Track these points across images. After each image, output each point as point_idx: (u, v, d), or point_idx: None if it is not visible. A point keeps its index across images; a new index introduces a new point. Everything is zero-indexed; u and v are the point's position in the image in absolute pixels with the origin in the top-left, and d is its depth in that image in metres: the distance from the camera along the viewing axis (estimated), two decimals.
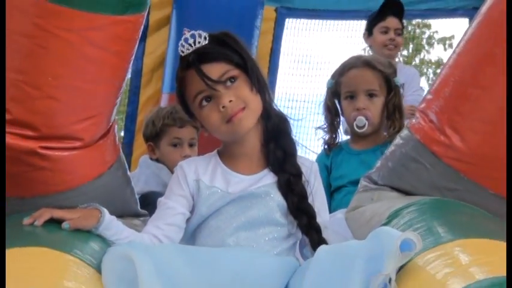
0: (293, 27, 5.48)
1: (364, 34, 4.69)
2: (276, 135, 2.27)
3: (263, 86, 2.26)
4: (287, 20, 5.40)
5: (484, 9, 2.15)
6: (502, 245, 1.82)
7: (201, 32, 2.21)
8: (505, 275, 1.63)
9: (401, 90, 3.45)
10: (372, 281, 1.70)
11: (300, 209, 2.21)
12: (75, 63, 2.08)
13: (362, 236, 1.90)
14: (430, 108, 2.20)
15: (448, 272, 1.69)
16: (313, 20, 5.51)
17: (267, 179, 2.24)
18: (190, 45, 2.20)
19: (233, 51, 2.22)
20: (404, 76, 4.32)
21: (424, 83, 12.09)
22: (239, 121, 2.18)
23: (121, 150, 2.39)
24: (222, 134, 2.22)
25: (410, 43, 12.54)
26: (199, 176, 2.25)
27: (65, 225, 2.03)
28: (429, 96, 2.25)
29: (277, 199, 2.22)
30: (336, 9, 5.31)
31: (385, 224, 2.03)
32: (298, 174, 2.24)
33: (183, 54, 2.22)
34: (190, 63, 2.19)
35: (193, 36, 2.20)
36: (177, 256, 1.94)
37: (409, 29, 12.17)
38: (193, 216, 2.24)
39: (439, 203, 2.11)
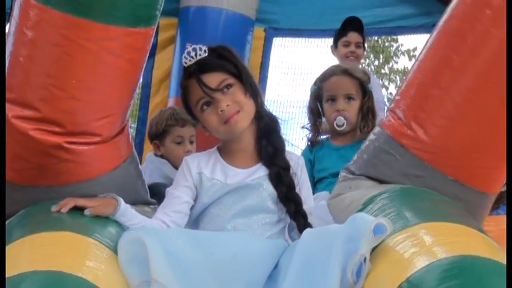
0: (280, 44, 5.52)
1: (331, 47, 4.74)
2: (267, 133, 2.30)
3: (255, 91, 2.29)
4: (275, 38, 5.44)
5: (441, 21, 2.18)
6: (460, 227, 1.85)
7: (201, 45, 2.24)
8: (463, 253, 1.66)
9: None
10: (349, 260, 1.74)
11: (288, 198, 2.24)
12: (95, 68, 2.10)
13: (342, 220, 1.92)
14: (398, 107, 2.22)
15: (414, 251, 1.71)
16: (297, 38, 5.54)
17: (260, 172, 2.27)
18: (192, 57, 2.23)
19: (229, 62, 2.25)
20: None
21: (392, 89, 12.16)
22: (235, 122, 2.21)
23: (133, 147, 2.39)
24: (221, 133, 2.26)
25: (381, 54, 12.57)
26: (202, 169, 2.27)
27: (86, 212, 2.05)
28: (397, 97, 2.27)
29: (268, 189, 2.25)
30: (317, 29, 5.35)
31: (361, 210, 2.04)
32: (286, 167, 2.27)
33: (186, 65, 2.25)
34: (191, 74, 2.23)
35: (194, 49, 2.23)
36: (183, 239, 1.96)
37: (379, 42, 12.22)
38: (196, 204, 2.27)
39: (407, 191, 2.13)
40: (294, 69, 5.64)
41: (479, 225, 1.99)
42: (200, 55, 2.22)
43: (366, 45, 4.69)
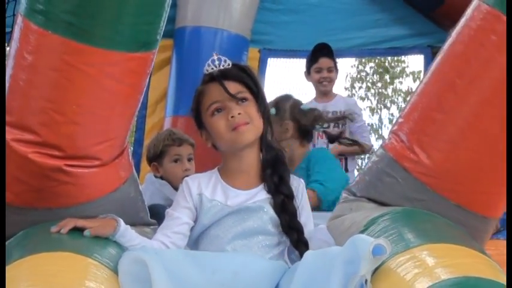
0: (274, 64, 5.57)
1: (304, 73, 4.82)
2: (274, 163, 2.29)
3: (267, 117, 2.30)
4: (269, 59, 5.48)
5: (446, 45, 2.19)
6: (463, 249, 1.84)
7: (226, 58, 2.27)
8: (466, 275, 1.65)
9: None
10: (350, 282, 1.72)
11: (291, 227, 2.22)
12: (95, 93, 2.09)
13: (342, 242, 1.90)
14: (401, 130, 2.22)
15: (416, 272, 1.70)
16: (292, 59, 5.57)
17: (261, 195, 2.25)
18: (215, 66, 2.26)
19: (250, 78, 2.27)
20: (343, 104, 4.64)
21: (394, 110, 12.16)
22: (242, 132, 2.20)
23: (133, 168, 2.38)
24: (225, 141, 2.23)
25: (387, 75, 12.65)
26: (202, 190, 2.25)
27: (86, 232, 2.03)
28: (400, 120, 2.26)
29: (269, 213, 2.22)
30: (310, 49, 5.37)
31: (363, 231, 2.03)
32: (291, 195, 2.26)
33: (207, 72, 2.26)
34: (213, 78, 2.24)
35: (219, 59, 2.26)
36: (184, 259, 1.95)
37: (386, 63, 12.30)
38: (196, 225, 2.24)
39: (409, 213, 2.12)
40: (289, 90, 5.66)
41: (482, 247, 1.98)
42: (223, 66, 2.25)
43: (337, 67, 4.78)
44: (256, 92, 2.26)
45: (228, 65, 2.26)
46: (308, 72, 4.75)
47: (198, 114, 2.30)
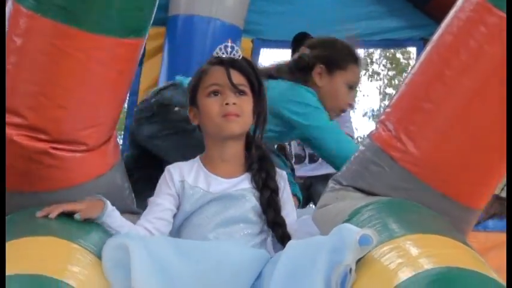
0: (267, 55, 5.57)
1: None
2: (260, 160, 2.33)
3: (263, 118, 2.34)
4: (262, 49, 5.47)
5: (435, 36, 2.18)
6: (447, 240, 1.84)
7: (239, 49, 2.31)
8: (449, 265, 1.65)
9: None
10: (334, 271, 1.72)
11: (276, 222, 2.25)
12: (83, 78, 2.09)
13: (328, 231, 1.90)
14: (388, 119, 2.22)
15: (400, 262, 1.69)
16: (285, 50, 5.53)
17: (244, 184, 2.28)
18: (227, 52, 2.29)
19: (255, 76, 2.30)
20: None
21: None
22: (231, 121, 2.23)
23: (121, 155, 2.39)
24: (213, 124, 2.26)
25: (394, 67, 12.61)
26: (184, 177, 2.26)
27: (76, 216, 2.03)
28: (388, 110, 2.27)
29: (252, 201, 2.25)
30: None
31: (347, 221, 2.03)
32: (277, 189, 2.30)
33: (216, 55, 2.29)
34: (221, 62, 2.27)
35: (232, 48, 2.30)
36: (168, 246, 1.95)
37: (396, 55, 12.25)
38: (178, 212, 2.25)
39: (394, 203, 2.12)
40: None
41: (465, 238, 1.98)
42: (234, 55, 2.29)
43: None
44: (257, 91, 2.30)
45: (239, 56, 2.29)
46: None
47: (194, 90, 2.32)
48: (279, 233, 2.24)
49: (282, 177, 2.35)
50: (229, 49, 2.29)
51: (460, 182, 2.14)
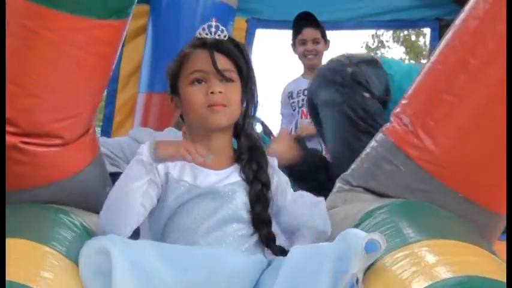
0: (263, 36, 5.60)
1: (291, 45, 4.78)
2: (251, 150, 2.30)
3: (252, 104, 2.30)
4: (257, 30, 5.45)
5: (458, 20, 2.16)
6: (468, 246, 1.83)
7: (224, 29, 2.25)
8: (470, 274, 1.62)
9: None
10: (339, 281, 1.70)
11: (261, 219, 2.22)
12: (57, 62, 2.07)
13: (335, 236, 1.87)
14: (404, 112, 2.20)
15: (414, 270, 1.67)
16: (282, 30, 5.52)
17: (233, 177, 2.25)
18: (210, 32, 2.23)
19: (243, 59, 2.26)
20: None
21: None
22: (217, 112, 2.19)
23: (100, 149, 2.37)
24: (197, 115, 2.22)
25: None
26: (169, 169, 2.22)
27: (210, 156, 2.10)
28: (404, 101, 2.25)
29: (242, 197, 2.22)
30: None
31: (358, 225, 2.03)
32: (268, 184, 2.27)
33: (199, 36, 2.24)
34: (205, 44, 2.22)
35: (217, 27, 2.24)
36: (153, 253, 1.92)
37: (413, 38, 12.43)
38: (161, 207, 2.20)
39: (409, 205, 2.12)
40: (278, 64, 5.69)
41: (490, 245, 1.97)
42: (219, 36, 2.23)
43: (327, 38, 4.72)
44: (246, 76, 2.25)
45: (225, 36, 2.24)
46: (294, 45, 4.72)
47: (175, 78, 2.28)
48: (264, 233, 2.21)
49: (272, 165, 2.33)
50: (213, 29, 2.23)
51: (484, 183, 2.12)
